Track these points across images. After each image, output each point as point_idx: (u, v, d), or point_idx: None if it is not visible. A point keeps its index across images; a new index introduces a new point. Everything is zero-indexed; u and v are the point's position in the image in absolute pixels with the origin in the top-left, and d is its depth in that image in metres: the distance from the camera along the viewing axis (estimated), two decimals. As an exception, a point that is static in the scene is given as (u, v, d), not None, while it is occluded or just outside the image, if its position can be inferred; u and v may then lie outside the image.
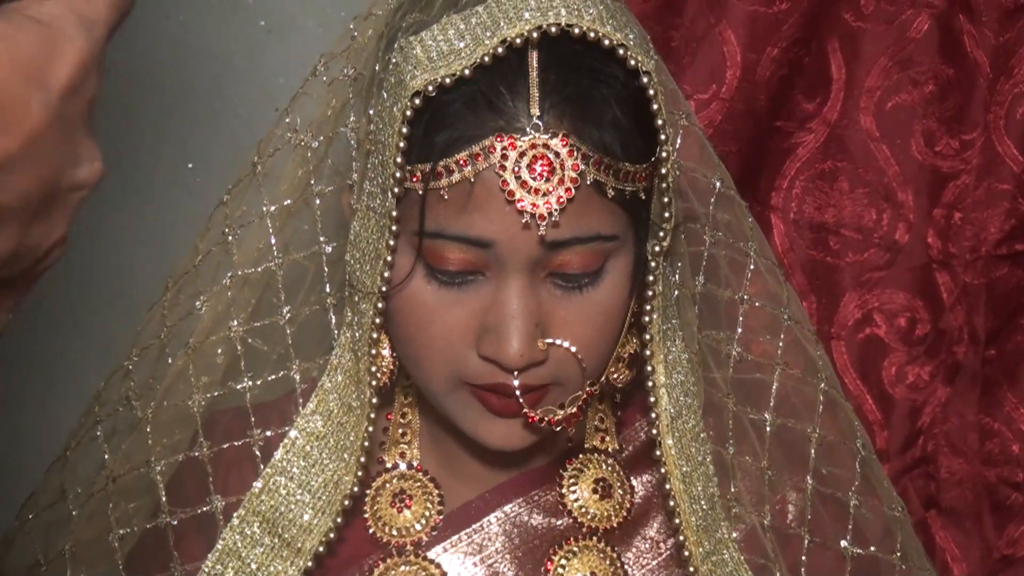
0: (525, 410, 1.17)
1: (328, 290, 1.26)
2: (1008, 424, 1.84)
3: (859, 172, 1.83)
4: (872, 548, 1.31)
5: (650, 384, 1.22)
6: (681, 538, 1.23)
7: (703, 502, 1.24)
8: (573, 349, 1.16)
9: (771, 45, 1.77)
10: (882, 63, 1.81)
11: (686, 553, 1.23)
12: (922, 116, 1.82)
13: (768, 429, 1.30)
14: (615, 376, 1.26)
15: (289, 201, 1.26)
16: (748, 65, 1.78)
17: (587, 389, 1.19)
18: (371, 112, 1.18)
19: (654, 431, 1.22)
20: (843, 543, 1.30)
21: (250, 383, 1.26)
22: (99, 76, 0.72)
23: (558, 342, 1.16)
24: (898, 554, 1.32)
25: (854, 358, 1.84)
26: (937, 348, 1.83)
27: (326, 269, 1.25)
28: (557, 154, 1.10)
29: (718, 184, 1.29)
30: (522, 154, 1.09)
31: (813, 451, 1.30)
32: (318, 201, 1.25)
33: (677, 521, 1.22)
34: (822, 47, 1.81)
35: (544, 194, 1.09)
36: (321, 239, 1.25)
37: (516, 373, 1.15)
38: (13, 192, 0.65)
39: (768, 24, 1.77)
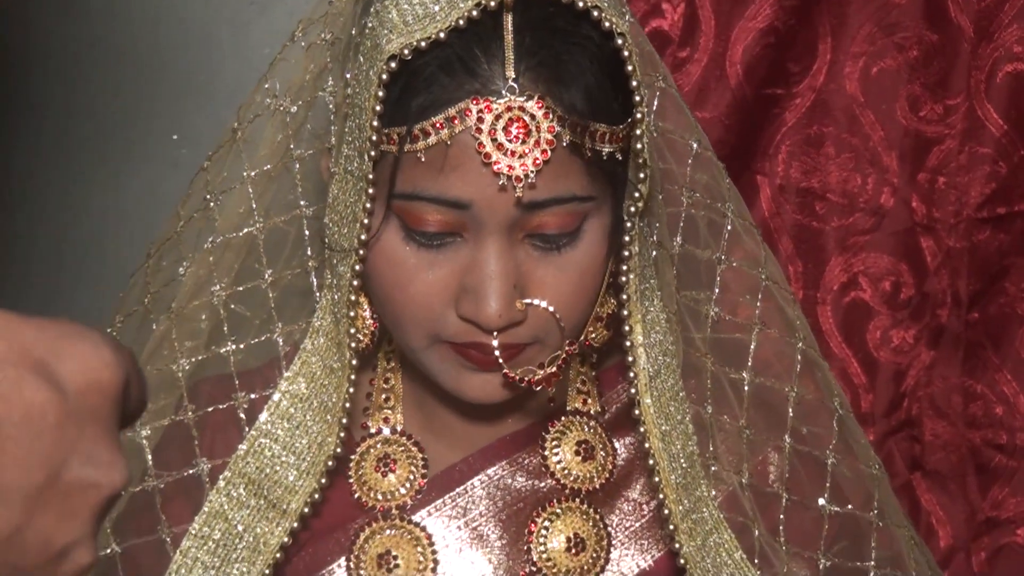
0: (505, 370, 1.18)
1: (309, 253, 1.27)
2: (991, 387, 1.84)
3: (844, 137, 1.83)
4: (850, 506, 1.32)
5: (628, 343, 1.22)
6: (661, 496, 1.23)
7: (682, 460, 1.25)
8: (551, 309, 1.17)
9: (755, 14, 1.79)
10: (867, 29, 1.81)
11: (666, 511, 1.23)
12: (907, 81, 1.82)
13: (746, 388, 1.31)
14: (593, 335, 1.26)
15: (269, 166, 1.27)
16: (721, 32, 1.80)
17: (566, 348, 1.20)
18: (348, 76, 1.19)
19: (632, 390, 1.23)
20: (821, 501, 1.31)
21: (234, 347, 1.28)
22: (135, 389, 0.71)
23: (536, 302, 1.17)
24: (875, 511, 1.33)
25: (839, 322, 1.85)
26: (921, 311, 1.84)
27: (307, 232, 1.27)
28: (533, 116, 1.11)
29: (695, 145, 1.30)
30: (498, 116, 1.10)
31: (791, 410, 1.31)
32: (298, 166, 1.26)
33: (657, 479, 1.23)
34: (808, 13, 1.80)
35: (520, 156, 1.10)
36: (302, 203, 1.26)
37: (495, 333, 1.16)
38: (13, 465, 0.63)
39: None
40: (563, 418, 1.33)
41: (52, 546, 0.64)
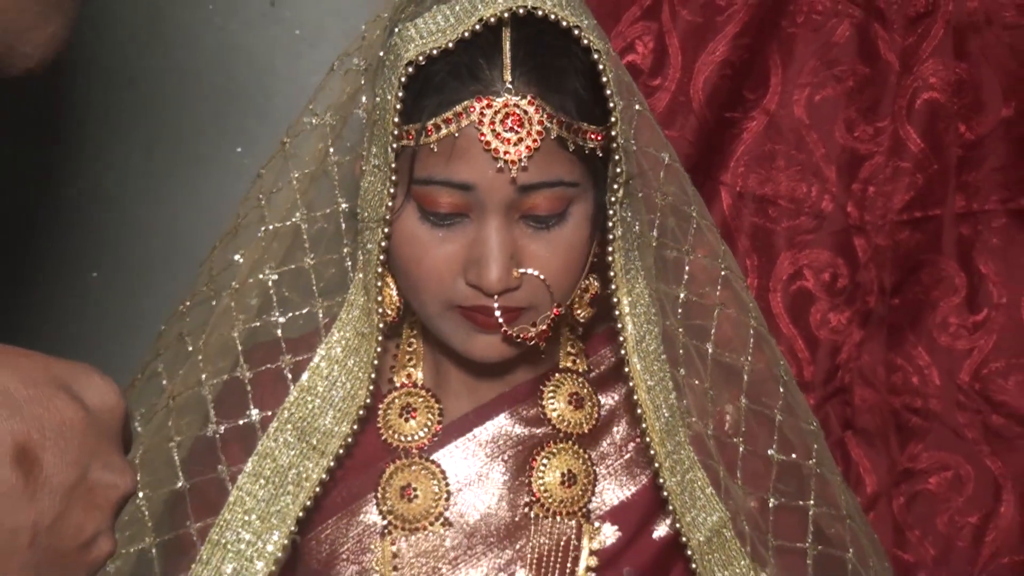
0: (504, 328, 1.19)
1: (344, 241, 1.27)
2: (909, 360, 1.84)
3: (793, 153, 1.82)
4: (793, 455, 1.32)
5: (617, 313, 1.23)
6: (648, 440, 1.23)
7: (664, 411, 1.25)
8: (542, 277, 1.19)
9: (714, 49, 1.78)
10: (812, 64, 1.81)
11: (652, 452, 1.23)
12: (844, 107, 1.81)
13: (710, 358, 1.31)
14: (578, 311, 1.27)
15: (311, 170, 1.27)
16: (687, 65, 1.79)
17: (554, 310, 1.21)
18: (376, 89, 1.20)
19: (622, 352, 1.23)
20: (770, 451, 1.32)
21: (281, 319, 1.27)
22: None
23: (530, 271, 1.18)
24: (813, 460, 1.33)
25: (787, 306, 1.84)
26: (853, 298, 1.83)
27: (343, 224, 1.27)
28: (525, 112, 1.13)
29: (666, 158, 1.30)
30: (497, 112, 1.13)
31: (746, 376, 1.32)
32: (335, 169, 1.26)
33: (644, 426, 1.23)
34: (761, 50, 1.80)
35: (515, 143, 1.12)
36: (340, 199, 1.26)
37: (496, 296, 1.17)
38: (57, 462, 0.65)
39: (712, 31, 1.78)
40: (556, 375, 1.33)
41: (83, 534, 0.66)
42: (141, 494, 1.28)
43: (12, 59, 0.75)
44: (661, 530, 1.30)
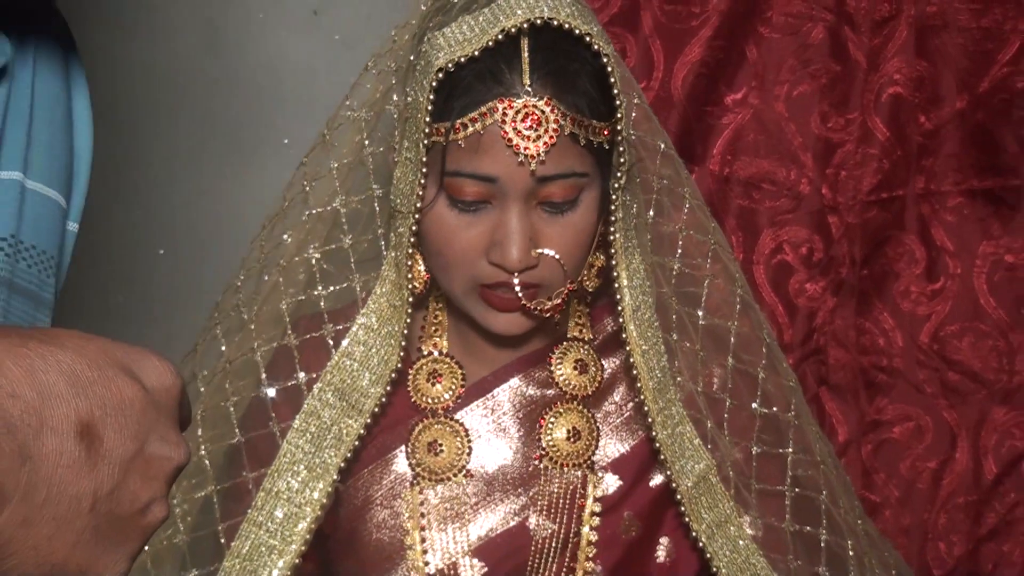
0: (523, 302, 1.18)
1: (378, 223, 1.26)
2: (876, 324, 1.83)
3: (773, 143, 1.81)
4: (774, 408, 1.32)
5: (616, 285, 1.22)
6: (641, 397, 1.23)
7: (657, 372, 1.24)
8: (557, 256, 1.18)
9: (691, 52, 1.77)
10: (790, 63, 1.80)
11: (646, 408, 1.23)
12: (818, 101, 1.80)
13: (700, 323, 1.30)
14: (587, 283, 1.26)
15: (348, 160, 1.26)
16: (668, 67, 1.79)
17: (568, 286, 1.20)
18: (407, 89, 1.19)
19: (620, 320, 1.22)
20: (753, 405, 1.31)
21: (323, 292, 1.26)
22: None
23: (546, 251, 1.17)
24: (792, 413, 1.32)
25: (769, 277, 1.83)
26: (828, 269, 1.82)
27: (377, 208, 1.25)
28: (543, 111, 1.11)
29: (662, 145, 1.29)
30: (517, 112, 1.11)
31: (732, 339, 1.31)
32: (370, 159, 1.25)
33: (639, 385, 1.23)
34: (741, 52, 1.79)
35: (534, 140, 1.11)
36: (374, 186, 1.25)
37: (516, 274, 1.16)
38: (116, 437, 0.65)
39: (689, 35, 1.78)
40: (564, 343, 1.32)
41: (139, 501, 0.66)
42: (203, 448, 1.28)
43: None
44: (657, 479, 1.30)
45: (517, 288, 1.17)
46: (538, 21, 1.10)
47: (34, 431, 0.61)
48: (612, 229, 1.19)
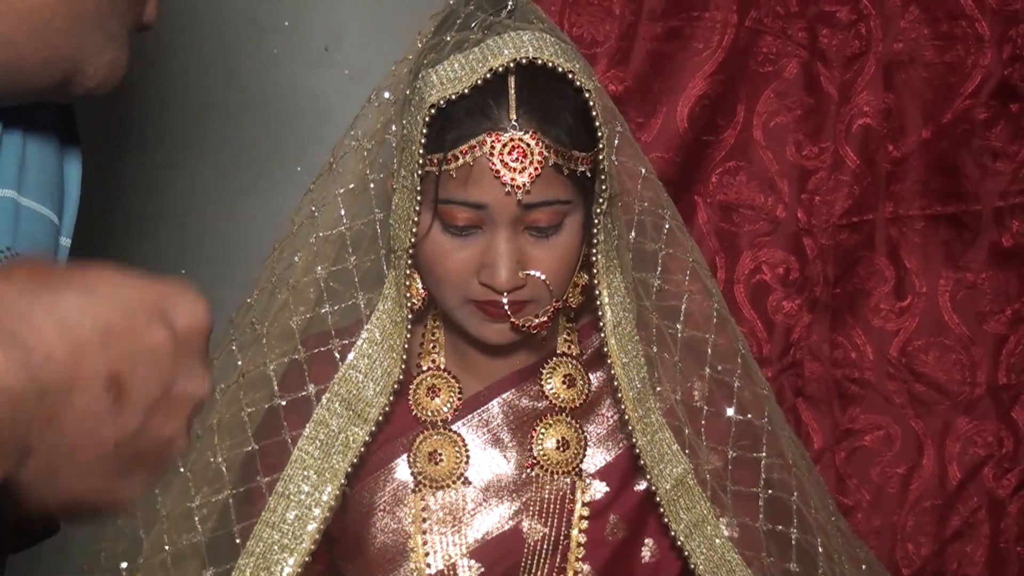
0: (512, 319, 1.19)
1: (380, 244, 1.27)
2: (848, 339, 1.84)
3: (753, 169, 1.83)
4: (749, 415, 1.32)
5: (598, 302, 1.23)
6: (622, 407, 1.24)
7: (637, 383, 1.25)
8: (543, 277, 1.19)
9: (697, 86, 1.79)
10: (767, 95, 1.82)
11: (626, 416, 1.24)
12: (793, 131, 1.82)
13: (680, 336, 1.30)
14: (571, 300, 1.27)
15: (353, 185, 1.27)
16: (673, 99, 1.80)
17: (553, 304, 1.21)
18: (404, 122, 1.21)
19: (602, 335, 1.24)
20: (729, 412, 1.31)
21: (331, 309, 1.27)
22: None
23: (533, 273, 1.19)
24: (766, 419, 1.33)
25: (749, 296, 1.85)
26: (803, 288, 1.83)
27: (379, 231, 1.26)
28: (528, 144, 1.13)
29: (643, 170, 1.30)
30: (504, 145, 1.13)
31: (709, 351, 1.31)
32: (372, 186, 1.26)
33: (619, 395, 1.24)
34: (731, 86, 1.82)
35: (519, 171, 1.13)
36: (376, 210, 1.26)
37: (505, 294, 1.18)
38: (143, 386, 0.63)
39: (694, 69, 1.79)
40: (553, 358, 1.33)
41: (162, 436, 0.64)
42: (221, 456, 1.29)
43: (79, 80, 0.73)
44: (641, 485, 1.30)
45: (506, 307, 1.18)
46: (523, 60, 1.12)
47: (64, 390, 0.59)
48: (594, 251, 1.20)
